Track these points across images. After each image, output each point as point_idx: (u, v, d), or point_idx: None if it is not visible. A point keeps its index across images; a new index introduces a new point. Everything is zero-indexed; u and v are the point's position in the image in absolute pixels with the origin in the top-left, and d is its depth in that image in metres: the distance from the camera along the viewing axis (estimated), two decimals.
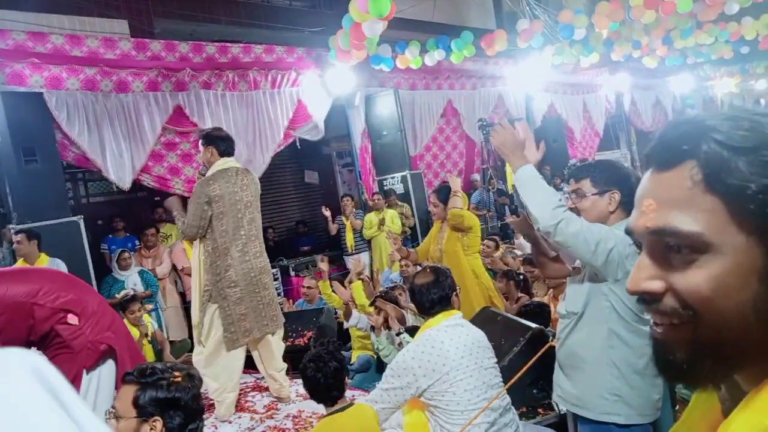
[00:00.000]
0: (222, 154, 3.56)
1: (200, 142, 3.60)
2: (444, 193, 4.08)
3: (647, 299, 0.57)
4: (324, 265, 4.82)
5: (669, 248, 0.55)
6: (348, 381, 2.36)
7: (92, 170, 5.62)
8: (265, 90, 6.44)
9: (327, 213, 7.03)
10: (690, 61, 10.37)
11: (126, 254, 5.44)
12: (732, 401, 0.57)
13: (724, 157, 0.52)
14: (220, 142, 3.58)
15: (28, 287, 2.34)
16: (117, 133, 5.36)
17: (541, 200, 1.94)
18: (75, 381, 2.32)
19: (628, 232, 0.61)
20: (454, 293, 2.43)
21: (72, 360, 2.33)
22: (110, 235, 6.05)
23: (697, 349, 0.54)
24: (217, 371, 3.51)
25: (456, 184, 4.09)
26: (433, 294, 2.36)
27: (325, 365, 2.24)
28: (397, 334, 3.70)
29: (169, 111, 5.70)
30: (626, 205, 2.01)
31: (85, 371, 2.35)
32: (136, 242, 6.01)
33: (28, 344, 2.26)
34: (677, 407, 2.50)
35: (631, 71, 11.75)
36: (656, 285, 0.56)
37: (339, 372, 2.27)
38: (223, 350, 3.49)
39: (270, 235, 7.83)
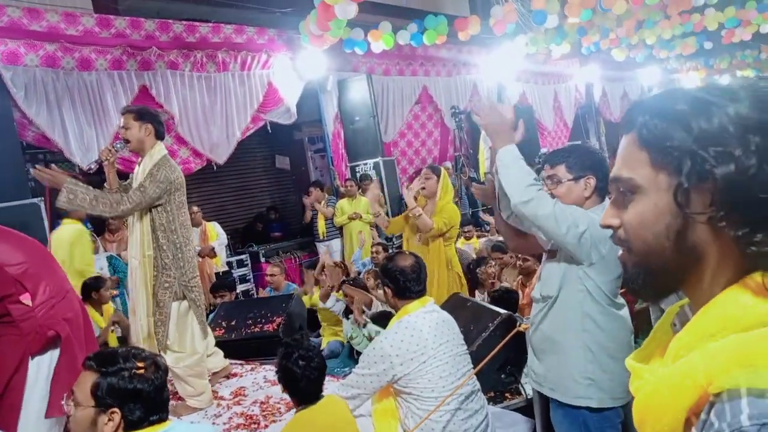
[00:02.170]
0: (158, 137, 3.21)
1: (131, 115, 3.17)
2: (437, 168, 4.03)
3: (612, 232, 0.75)
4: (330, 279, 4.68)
5: (619, 192, 0.73)
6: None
7: (54, 151, 5.42)
8: (234, 72, 6.30)
9: (308, 201, 6.95)
10: (656, 54, 10.57)
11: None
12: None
13: (653, 123, 0.69)
14: (158, 123, 3.23)
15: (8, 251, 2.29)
16: (79, 113, 5.17)
17: (516, 178, 1.94)
18: (20, 366, 2.23)
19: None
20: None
21: (18, 342, 2.24)
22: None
23: (635, 268, 0.72)
24: (200, 370, 3.32)
25: (411, 202, 3.91)
26: (414, 278, 2.35)
27: (311, 369, 2.17)
28: (363, 326, 3.69)
29: (135, 91, 5.52)
30: (602, 190, 2.02)
31: (30, 357, 2.25)
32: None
33: None
34: None
35: (601, 63, 11.92)
36: (614, 221, 0.74)
37: (320, 371, 2.22)
38: (201, 349, 3.31)
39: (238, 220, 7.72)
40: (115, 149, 3.33)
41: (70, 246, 4.39)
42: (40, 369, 2.25)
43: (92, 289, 4.33)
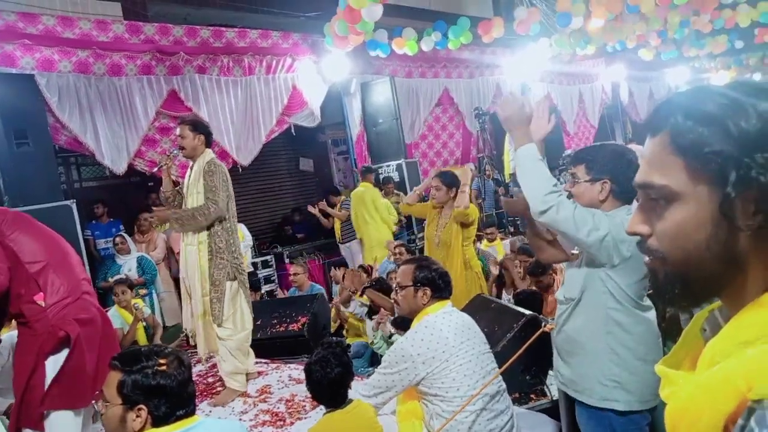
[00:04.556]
0: (207, 146, 3.63)
1: (187, 126, 3.57)
2: (449, 177, 4.02)
3: (640, 240, 0.72)
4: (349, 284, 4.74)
5: (650, 199, 0.69)
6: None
7: (85, 154, 5.57)
8: (259, 75, 6.39)
9: (314, 211, 7.01)
10: (685, 53, 10.34)
11: (119, 239, 5.41)
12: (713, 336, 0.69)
13: (687, 126, 0.65)
14: (208, 134, 3.67)
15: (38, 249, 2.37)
16: (110, 117, 5.31)
17: (535, 184, 1.92)
18: (37, 365, 2.27)
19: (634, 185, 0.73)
20: None
21: (32, 343, 2.28)
22: (93, 221, 6.01)
23: (669, 277, 0.69)
24: (246, 348, 3.69)
25: (467, 176, 4.01)
26: (448, 280, 2.41)
27: (332, 370, 2.20)
28: (389, 337, 3.70)
29: (164, 95, 5.65)
30: (620, 195, 1.99)
31: (45, 356, 2.29)
32: (121, 227, 5.97)
33: None
34: None
35: (628, 62, 11.74)
36: (643, 228, 0.71)
37: (344, 377, 2.24)
38: (249, 326, 3.66)
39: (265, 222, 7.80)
40: (172, 155, 3.75)
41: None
42: (57, 367, 2.29)
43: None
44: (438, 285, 2.38)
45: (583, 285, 2.04)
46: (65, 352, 2.31)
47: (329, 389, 2.22)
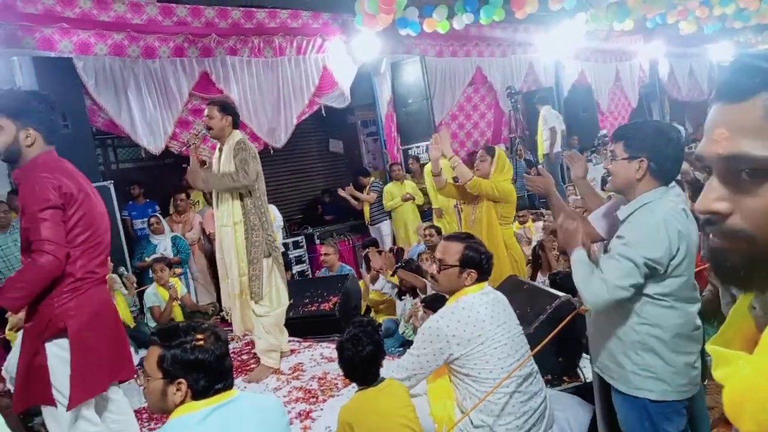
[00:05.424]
0: (234, 127, 3.63)
1: (215, 107, 3.58)
2: (491, 150, 3.99)
3: (712, 219, 0.64)
4: (376, 263, 4.75)
5: (739, 173, 0.61)
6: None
7: (121, 136, 5.68)
8: (290, 56, 6.39)
9: (344, 194, 7.02)
10: (729, 25, 9.87)
11: (154, 219, 5.53)
12: (766, 317, 0.67)
13: None
14: (235, 115, 3.67)
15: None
16: (145, 99, 5.40)
17: (584, 284, 1.94)
18: (40, 349, 2.28)
19: (698, 157, 0.66)
20: None
21: (33, 329, 2.29)
22: (130, 202, 6.15)
23: (753, 260, 0.62)
24: (282, 325, 3.76)
25: (445, 140, 3.86)
26: (486, 259, 2.36)
27: (363, 348, 2.21)
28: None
29: (196, 77, 5.71)
30: (657, 173, 1.94)
31: (46, 341, 2.28)
32: (156, 207, 6.09)
33: None
34: (707, 381, 2.45)
35: (667, 38, 11.31)
36: (723, 206, 0.63)
37: (375, 355, 2.24)
38: (285, 301, 3.74)
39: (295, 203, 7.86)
40: (200, 134, 3.78)
41: None
42: (61, 349, 2.29)
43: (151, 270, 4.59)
44: (484, 268, 2.35)
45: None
46: (65, 341, 2.30)
47: (361, 367, 2.24)
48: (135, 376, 2.56)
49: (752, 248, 0.61)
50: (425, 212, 7.04)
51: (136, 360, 3.21)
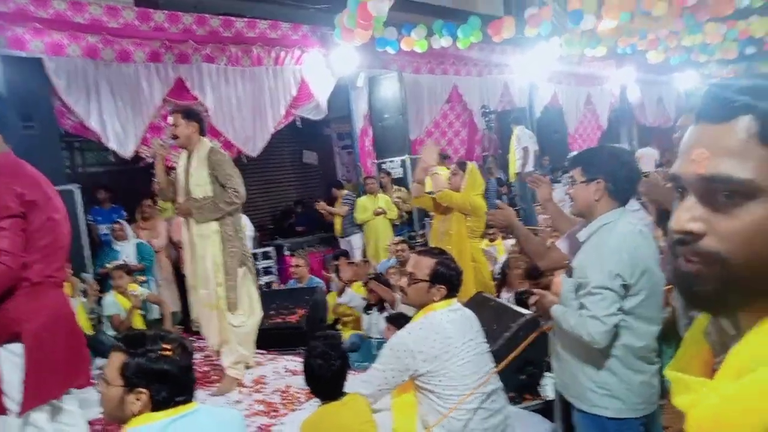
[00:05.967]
0: (201, 134, 3.56)
1: (179, 114, 3.50)
2: (463, 164, 4.09)
3: (686, 239, 0.62)
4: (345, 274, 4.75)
5: (716, 194, 0.60)
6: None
7: (90, 139, 5.57)
8: (268, 66, 6.39)
9: (321, 208, 7.00)
10: (695, 58, 10.29)
11: (117, 225, 5.41)
12: (720, 342, 0.66)
13: None
14: (201, 122, 3.59)
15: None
16: (117, 103, 5.32)
17: (580, 328, 1.99)
18: None
19: (674, 177, 0.66)
20: None
21: None
22: (96, 206, 6.02)
23: (725, 284, 0.60)
24: (254, 337, 3.72)
25: (431, 155, 3.97)
26: (457, 275, 2.37)
27: (333, 363, 2.20)
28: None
29: (171, 83, 5.65)
30: (614, 193, 2.03)
31: None
32: (123, 213, 5.98)
33: None
34: (663, 401, 2.51)
35: (638, 65, 11.68)
36: (698, 226, 0.61)
37: (342, 370, 2.25)
38: (259, 311, 3.70)
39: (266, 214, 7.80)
40: (166, 144, 3.73)
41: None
42: (14, 354, 2.22)
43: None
44: (454, 285, 2.37)
45: (577, 300, 2.05)
46: (19, 346, 2.23)
47: (328, 382, 2.23)
48: (93, 383, 2.50)
49: (724, 271, 0.60)
50: (397, 227, 7.07)
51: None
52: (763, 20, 8.30)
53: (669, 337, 2.71)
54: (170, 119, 3.54)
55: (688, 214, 0.62)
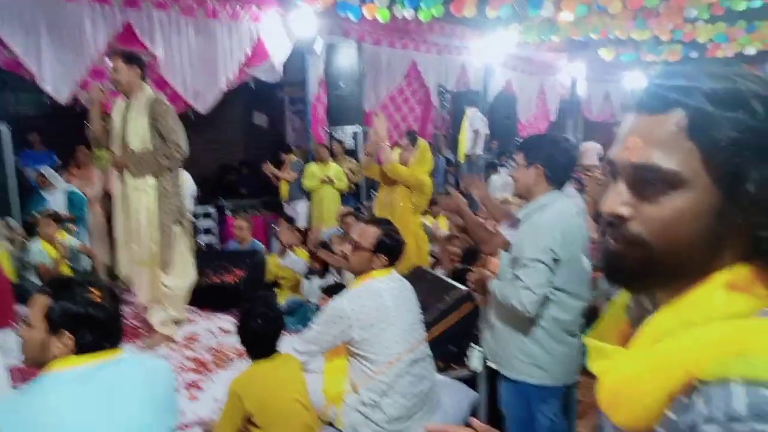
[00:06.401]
0: (143, 79, 3.40)
1: (120, 58, 3.31)
2: (414, 138, 4.08)
3: (614, 222, 0.67)
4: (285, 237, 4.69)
5: (645, 181, 0.64)
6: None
7: (25, 78, 5.23)
8: (223, 21, 6.15)
9: (269, 171, 6.88)
10: (644, 57, 10.68)
11: (42, 176, 5.14)
12: (639, 317, 0.71)
13: (708, 110, 0.60)
14: (143, 67, 3.42)
15: None
16: (56, 41, 5.00)
17: (513, 298, 2.10)
18: None
19: (610, 162, 0.69)
20: None
21: None
22: (26, 149, 5.69)
23: (645, 265, 0.65)
24: (183, 301, 3.65)
25: (382, 125, 3.99)
26: (399, 247, 2.46)
27: (268, 322, 2.23)
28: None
29: (118, 27, 5.35)
30: (551, 178, 2.17)
31: None
32: (55, 158, 5.69)
33: None
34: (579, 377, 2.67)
35: (588, 61, 12.01)
36: (626, 210, 0.65)
37: (278, 330, 2.28)
38: (192, 273, 3.61)
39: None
40: (105, 89, 3.52)
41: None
42: None
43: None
44: (395, 255, 2.45)
45: (507, 269, 2.17)
46: None
47: (263, 340, 2.25)
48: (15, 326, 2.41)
49: (646, 254, 0.64)
50: (344, 197, 7.06)
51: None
52: (708, 27, 8.69)
53: (593, 318, 2.89)
54: (110, 63, 3.34)
55: (618, 198, 0.66)
